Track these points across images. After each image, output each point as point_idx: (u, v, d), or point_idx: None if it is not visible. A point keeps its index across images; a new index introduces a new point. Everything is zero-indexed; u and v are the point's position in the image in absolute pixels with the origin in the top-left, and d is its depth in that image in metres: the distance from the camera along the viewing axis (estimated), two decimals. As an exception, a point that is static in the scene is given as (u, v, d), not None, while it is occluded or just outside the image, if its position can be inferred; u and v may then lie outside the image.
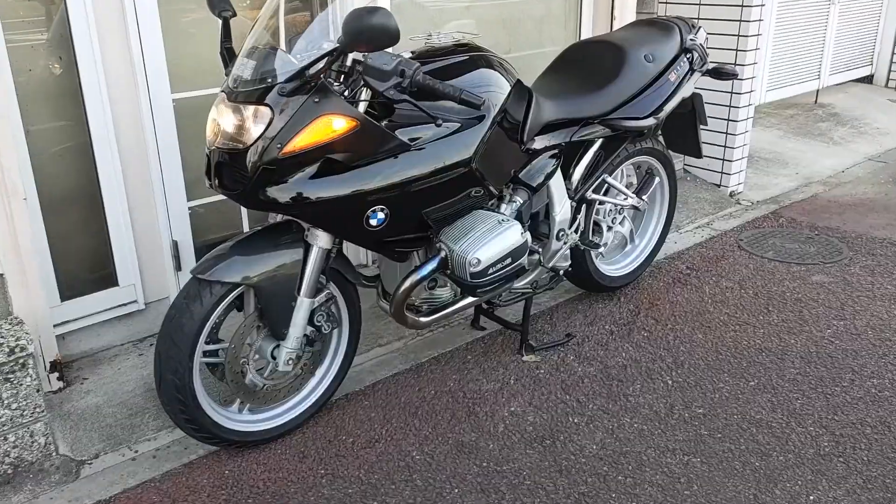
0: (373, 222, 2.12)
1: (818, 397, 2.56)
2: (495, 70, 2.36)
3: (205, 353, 2.15)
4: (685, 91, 2.92)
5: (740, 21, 4.02)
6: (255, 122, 1.94)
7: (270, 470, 2.25)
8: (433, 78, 2.01)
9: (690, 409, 2.51)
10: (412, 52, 2.32)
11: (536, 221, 2.71)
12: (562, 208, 2.72)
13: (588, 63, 2.84)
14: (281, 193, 1.98)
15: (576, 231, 2.81)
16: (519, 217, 2.51)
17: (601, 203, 2.97)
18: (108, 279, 2.90)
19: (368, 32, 1.81)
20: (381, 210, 2.12)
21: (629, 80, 2.78)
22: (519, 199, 2.54)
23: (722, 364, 2.77)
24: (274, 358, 2.22)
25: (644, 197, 3.08)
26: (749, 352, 2.85)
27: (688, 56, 2.93)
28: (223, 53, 2.19)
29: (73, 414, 2.50)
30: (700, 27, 3.04)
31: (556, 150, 2.64)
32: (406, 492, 2.17)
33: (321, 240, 2.15)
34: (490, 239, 2.30)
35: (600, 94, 2.73)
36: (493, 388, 2.67)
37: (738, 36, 4.06)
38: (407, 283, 2.29)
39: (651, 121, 2.82)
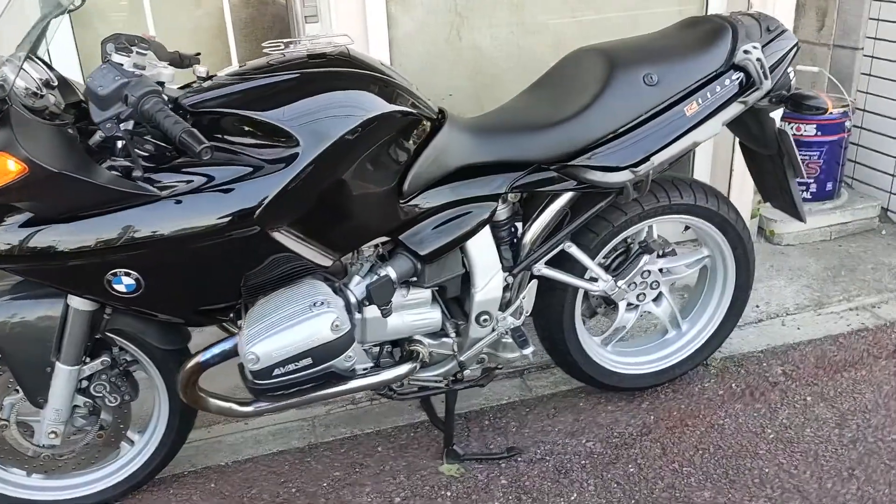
0: (119, 288, 1.63)
1: None
2: (351, 90, 1.69)
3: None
4: (708, 131, 1.91)
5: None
6: None
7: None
8: (167, 108, 1.44)
9: None
10: (241, 65, 1.76)
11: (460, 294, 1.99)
12: (486, 284, 1.94)
13: (570, 81, 1.98)
14: None
15: (516, 314, 2.01)
16: (379, 293, 1.81)
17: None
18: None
19: None
20: (127, 274, 1.62)
21: (608, 111, 1.86)
22: (391, 270, 1.84)
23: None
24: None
25: (621, 282, 2.12)
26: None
27: (735, 77, 1.90)
28: None
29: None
30: (781, 32, 1.96)
31: (476, 205, 1.87)
32: None
33: (75, 300, 1.72)
34: (283, 329, 1.66)
35: (562, 130, 1.87)
36: (370, 503, 2.04)
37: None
38: (188, 365, 1.77)
39: (626, 175, 1.88)
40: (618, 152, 1.85)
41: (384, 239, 1.86)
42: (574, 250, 2.01)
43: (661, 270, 2.27)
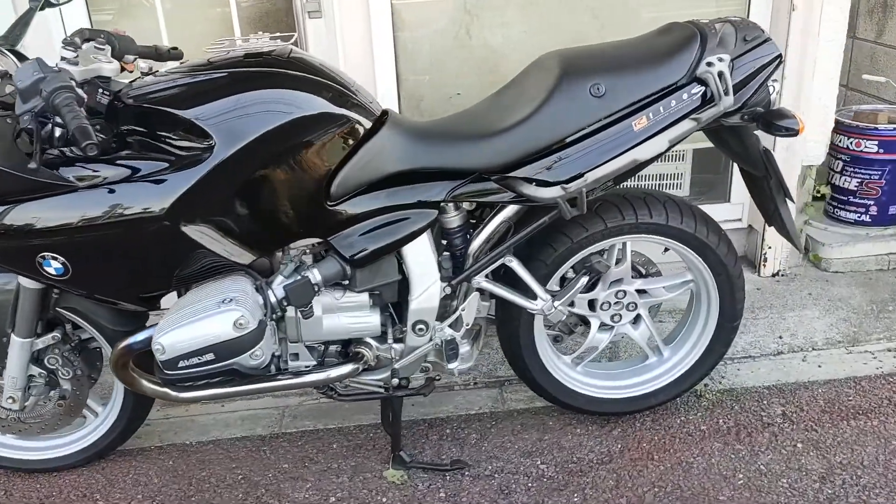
0: (49, 270, 1.73)
1: None
2: (274, 90, 1.70)
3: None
4: (651, 149, 1.75)
5: None
6: None
7: None
8: (73, 111, 1.50)
9: None
10: (182, 63, 1.81)
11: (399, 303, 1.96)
12: (423, 292, 1.89)
13: (523, 88, 1.88)
14: None
15: (455, 325, 1.95)
16: (296, 294, 1.81)
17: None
18: None
19: None
20: (54, 258, 1.71)
21: (548, 122, 1.75)
22: (315, 272, 1.83)
23: None
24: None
25: (557, 303, 1.98)
26: None
27: (696, 91, 1.74)
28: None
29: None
30: (761, 42, 1.77)
31: (415, 212, 1.83)
32: None
33: (22, 278, 1.85)
34: (189, 322, 1.70)
35: (502, 139, 1.78)
36: (302, 499, 2.06)
37: None
38: (115, 350, 1.85)
39: (555, 191, 1.76)
40: (553, 166, 1.75)
41: (316, 240, 1.86)
42: (515, 265, 1.92)
43: (640, 292, 2.13)
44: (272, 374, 1.96)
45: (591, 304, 2.13)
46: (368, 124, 1.80)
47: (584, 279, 1.91)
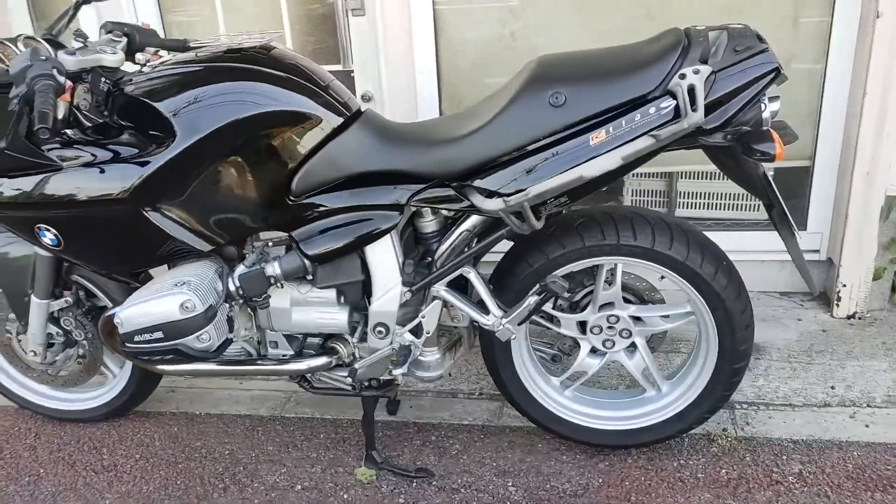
0: (45, 240, 1.92)
1: None
2: (242, 84, 1.76)
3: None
4: (600, 165, 1.59)
5: None
6: None
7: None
8: (45, 98, 1.64)
9: None
10: (171, 56, 1.91)
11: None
12: (383, 295, 1.88)
13: (498, 94, 1.80)
14: None
15: (416, 332, 1.92)
16: (249, 285, 1.86)
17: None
18: None
19: None
20: (47, 230, 1.89)
21: (504, 130, 1.65)
22: (274, 265, 1.87)
23: None
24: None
25: (508, 322, 1.84)
26: None
27: (666, 105, 1.57)
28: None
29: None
30: (754, 53, 1.56)
31: (378, 213, 1.82)
32: None
33: (35, 246, 2.05)
34: (145, 300, 1.80)
35: (460, 146, 1.72)
36: (272, 482, 2.13)
37: None
38: (102, 318, 1.99)
39: (497, 204, 1.65)
40: (501, 177, 1.66)
41: (283, 234, 1.90)
42: (472, 276, 1.84)
43: (636, 319, 1.98)
44: (252, 359, 2.04)
45: (583, 327, 2.01)
46: (338, 122, 1.81)
47: (534, 299, 1.80)
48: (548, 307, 1.98)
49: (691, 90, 1.52)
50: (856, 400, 2.27)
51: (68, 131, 1.84)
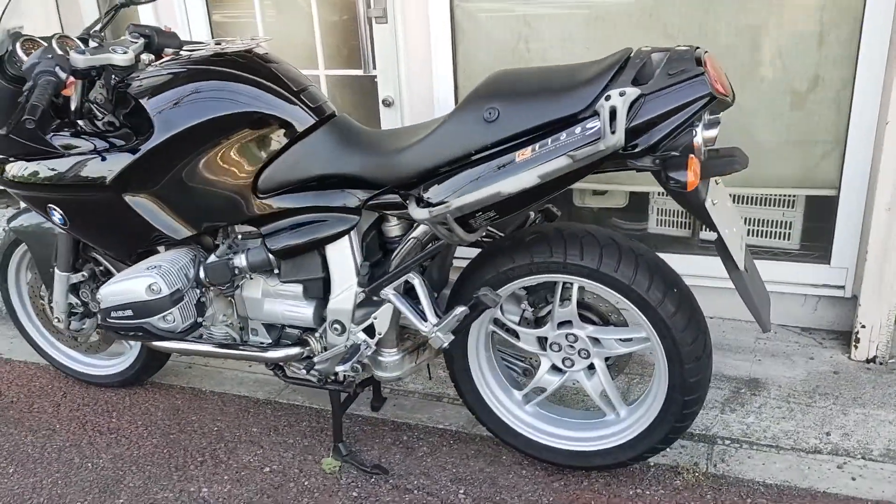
0: (55, 218, 2.14)
1: None
2: (216, 87, 1.89)
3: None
4: (517, 182, 1.57)
5: None
6: None
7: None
8: (42, 92, 1.85)
9: None
10: (166, 57, 2.07)
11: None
12: (340, 294, 1.96)
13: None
14: None
15: (369, 332, 1.98)
16: (212, 273, 1.99)
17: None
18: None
19: None
20: (54, 210, 2.11)
21: (439, 142, 1.68)
22: (241, 257, 1.99)
23: None
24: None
25: (438, 331, 1.83)
26: None
27: (592, 126, 1.55)
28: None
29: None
30: (687, 78, 1.51)
31: (335, 215, 1.91)
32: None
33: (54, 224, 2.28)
34: (120, 280, 1.97)
35: (405, 155, 1.76)
36: (245, 462, 2.26)
37: None
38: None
39: (423, 213, 1.67)
40: (435, 188, 1.69)
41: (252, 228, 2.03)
42: (416, 283, 1.88)
43: (595, 340, 1.96)
44: (235, 344, 2.18)
45: (544, 343, 2.01)
46: (305, 125, 1.90)
47: (461, 310, 1.81)
48: (513, 319, 1.99)
49: (613, 112, 1.50)
50: (850, 450, 2.12)
51: (80, 122, 2.04)
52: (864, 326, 2.38)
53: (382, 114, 2.75)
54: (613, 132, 1.50)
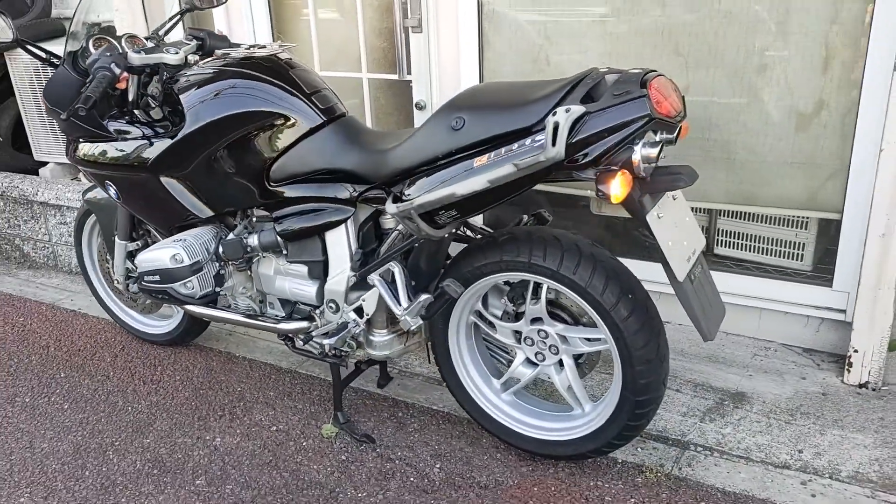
0: (111, 192, 2.49)
1: None
2: (239, 87, 2.17)
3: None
4: (467, 185, 1.74)
5: None
6: None
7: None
8: (97, 85, 2.17)
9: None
10: (206, 59, 2.36)
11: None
12: (336, 275, 2.19)
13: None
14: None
15: (358, 312, 2.20)
16: (227, 249, 2.28)
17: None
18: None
19: None
20: (110, 186, 2.46)
21: (414, 146, 1.89)
22: (254, 237, 2.26)
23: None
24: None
25: (407, 314, 2.01)
26: None
27: (540, 138, 1.70)
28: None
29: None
30: (629, 99, 1.64)
31: (332, 206, 2.15)
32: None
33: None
34: (154, 249, 2.29)
35: (388, 156, 1.98)
36: (257, 420, 2.54)
37: None
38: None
39: (392, 208, 1.87)
40: (412, 187, 1.89)
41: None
42: (396, 271, 2.08)
43: (563, 337, 2.11)
44: (255, 315, 2.46)
45: (519, 336, 2.17)
46: (315, 123, 2.15)
47: (425, 297, 1.99)
48: (496, 313, 2.17)
49: (555, 127, 1.65)
50: (819, 469, 2.16)
51: (136, 112, 2.37)
52: (856, 351, 2.39)
53: (416, 116, 2.96)
54: (554, 145, 1.65)
